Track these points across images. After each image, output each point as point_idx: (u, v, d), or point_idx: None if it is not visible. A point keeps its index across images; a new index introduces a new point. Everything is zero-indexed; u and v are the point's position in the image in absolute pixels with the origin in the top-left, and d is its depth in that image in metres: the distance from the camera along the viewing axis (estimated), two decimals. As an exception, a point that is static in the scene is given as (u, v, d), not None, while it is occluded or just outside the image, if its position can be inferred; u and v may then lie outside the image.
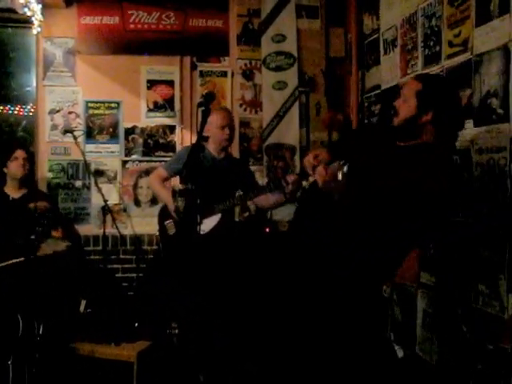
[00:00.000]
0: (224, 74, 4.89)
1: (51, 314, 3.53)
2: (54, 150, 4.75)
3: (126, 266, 4.74)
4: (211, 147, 3.75)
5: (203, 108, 2.57)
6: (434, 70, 3.32)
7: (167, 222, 3.75)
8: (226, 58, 4.91)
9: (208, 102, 2.56)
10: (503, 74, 2.70)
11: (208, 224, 3.50)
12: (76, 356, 3.49)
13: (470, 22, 2.96)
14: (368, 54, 4.39)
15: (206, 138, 3.71)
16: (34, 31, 4.34)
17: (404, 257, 2.54)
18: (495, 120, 2.76)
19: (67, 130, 4.50)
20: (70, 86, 4.76)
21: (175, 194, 3.07)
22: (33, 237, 3.62)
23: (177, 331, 3.80)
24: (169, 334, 3.78)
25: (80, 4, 4.74)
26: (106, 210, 4.47)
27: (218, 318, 3.49)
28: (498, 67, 2.74)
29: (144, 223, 4.71)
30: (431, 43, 3.38)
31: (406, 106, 2.45)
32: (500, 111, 2.73)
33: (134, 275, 4.67)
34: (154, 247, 4.70)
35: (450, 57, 3.17)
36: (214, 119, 3.63)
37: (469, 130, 2.97)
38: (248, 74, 4.87)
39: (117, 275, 4.70)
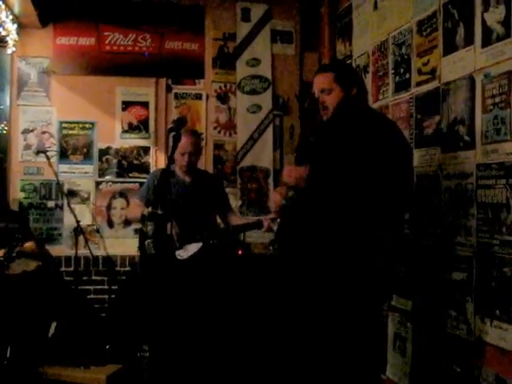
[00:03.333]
0: (199, 97, 4.91)
1: (20, 337, 3.48)
2: (27, 169, 4.70)
3: (98, 287, 4.69)
4: (177, 171, 3.69)
5: (174, 133, 2.58)
6: (404, 96, 3.40)
7: (148, 241, 3.71)
8: (201, 80, 4.93)
9: (179, 127, 2.58)
10: (469, 102, 2.77)
11: (190, 250, 3.49)
12: (44, 380, 3.44)
13: (438, 52, 3.05)
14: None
15: (173, 161, 3.69)
16: (9, 51, 4.33)
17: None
18: (462, 147, 2.83)
19: (40, 151, 4.47)
20: (44, 105, 4.73)
21: (144, 218, 3.06)
22: (1, 258, 3.57)
23: (148, 354, 3.77)
24: (139, 357, 3.75)
25: (56, 24, 4.74)
26: (78, 230, 4.44)
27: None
28: (464, 96, 2.81)
29: (117, 244, 4.68)
30: (401, 70, 3.46)
31: (332, 96, 2.64)
32: (467, 138, 2.79)
33: (106, 296, 4.62)
34: (127, 268, 4.67)
35: (419, 84, 3.25)
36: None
37: (437, 156, 3.04)
38: (223, 97, 4.92)
39: (89, 296, 4.64)
